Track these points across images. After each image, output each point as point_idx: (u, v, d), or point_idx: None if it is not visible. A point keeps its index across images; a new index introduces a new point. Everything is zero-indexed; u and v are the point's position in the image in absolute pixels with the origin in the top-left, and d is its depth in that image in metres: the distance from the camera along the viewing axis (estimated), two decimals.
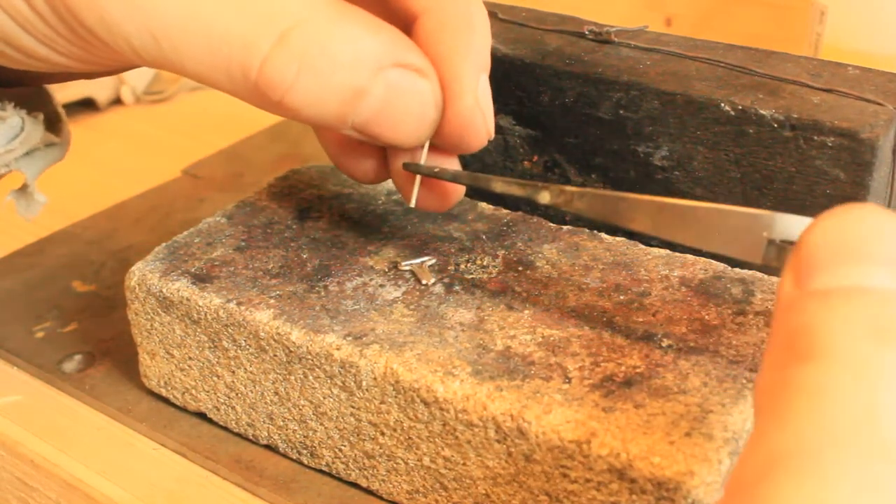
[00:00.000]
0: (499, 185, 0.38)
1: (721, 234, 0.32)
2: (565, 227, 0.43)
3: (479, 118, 0.38)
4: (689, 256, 0.41)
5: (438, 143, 0.39)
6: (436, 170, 0.39)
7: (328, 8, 0.34)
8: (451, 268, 0.41)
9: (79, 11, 0.33)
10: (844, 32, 0.54)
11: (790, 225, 0.31)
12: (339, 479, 0.40)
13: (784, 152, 0.39)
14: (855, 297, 0.24)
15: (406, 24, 0.38)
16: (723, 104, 0.40)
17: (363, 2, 0.37)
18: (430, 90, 0.36)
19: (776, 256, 0.31)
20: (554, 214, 0.46)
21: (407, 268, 0.41)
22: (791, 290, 0.25)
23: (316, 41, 0.34)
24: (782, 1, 0.73)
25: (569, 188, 0.35)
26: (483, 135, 0.38)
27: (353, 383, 0.37)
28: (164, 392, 0.44)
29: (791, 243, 0.30)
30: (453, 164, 0.41)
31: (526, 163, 0.46)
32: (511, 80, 0.45)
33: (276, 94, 0.34)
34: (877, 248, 0.25)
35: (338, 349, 0.37)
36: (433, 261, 0.42)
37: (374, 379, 0.36)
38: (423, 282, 0.40)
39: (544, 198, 0.36)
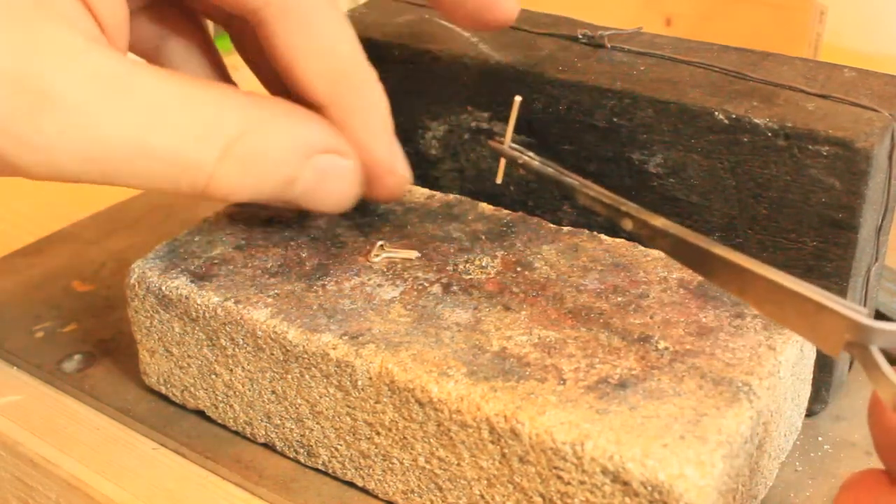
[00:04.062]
0: (582, 197, 0.37)
1: (803, 320, 0.31)
2: (565, 229, 0.43)
3: (402, 183, 0.42)
4: None
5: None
6: (520, 160, 0.39)
7: (261, 110, 0.37)
8: (450, 268, 0.41)
9: (26, 168, 0.34)
10: (844, 32, 0.54)
11: (873, 333, 0.30)
12: (338, 479, 0.40)
13: (779, 161, 0.39)
14: None
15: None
16: (717, 113, 0.40)
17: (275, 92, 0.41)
18: (352, 169, 0.40)
19: (859, 356, 0.30)
20: (552, 218, 0.46)
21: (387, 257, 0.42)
22: None
23: (253, 149, 0.36)
24: (782, 1, 0.72)
25: (653, 222, 0.35)
26: (405, 189, 0.43)
27: (348, 383, 0.37)
28: (163, 389, 0.44)
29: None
30: None
31: (521, 170, 0.46)
32: (504, 87, 0.45)
33: (221, 196, 0.37)
34: None
35: (334, 349, 0.37)
36: (416, 254, 0.42)
37: (370, 379, 0.36)
38: (412, 258, 0.42)
39: (626, 225, 0.36)
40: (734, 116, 0.40)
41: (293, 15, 0.40)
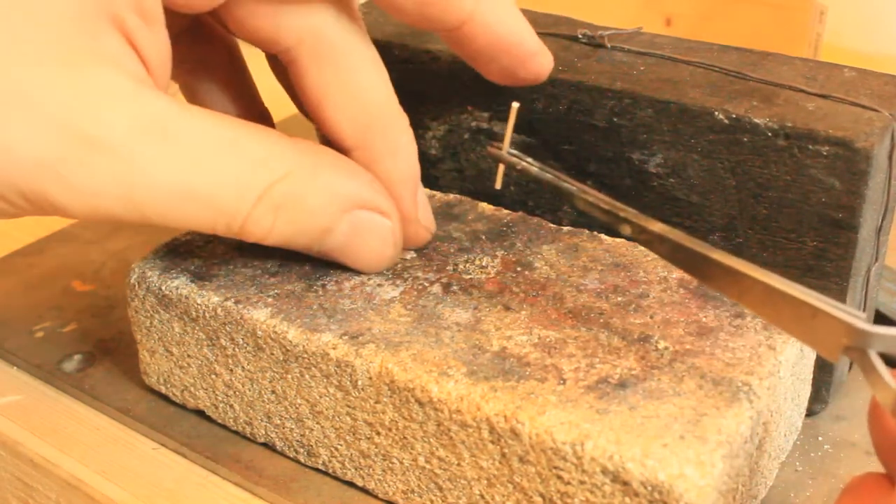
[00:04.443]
0: (581, 203, 0.37)
1: (801, 325, 0.31)
2: (565, 228, 0.43)
3: (423, 234, 0.42)
4: None
5: None
6: (518, 166, 0.39)
7: (303, 157, 0.37)
8: (450, 268, 0.41)
9: (68, 209, 0.34)
10: (844, 32, 0.54)
11: (871, 338, 0.30)
12: (339, 479, 0.40)
13: (779, 161, 0.39)
14: None
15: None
16: (717, 113, 0.40)
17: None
18: (391, 230, 0.40)
19: (858, 360, 0.30)
20: (552, 218, 0.46)
21: None
22: None
23: (292, 195, 0.37)
24: (782, 1, 0.72)
25: (651, 227, 0.35)
26: (427, 240, 0.43)
27: (348, 382, 0.37)
28: (163, 389, 0.44)
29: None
30: None
31: (519, 175, 0.46)
32: (504, 87, 0.45)
33: (254, 239, 0.37)
34: None
35: (334, 348, 0.37)
36: (411, 253, 0.42)
37: (370, 378, 0.36)
38: (407, 258, 0.42)
39: (625, 230, 0.36)
40: (734, 116, 0.40)
41: (326, 55, 0.40)
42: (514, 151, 0.39)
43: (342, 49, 0.40)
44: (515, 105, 0.38)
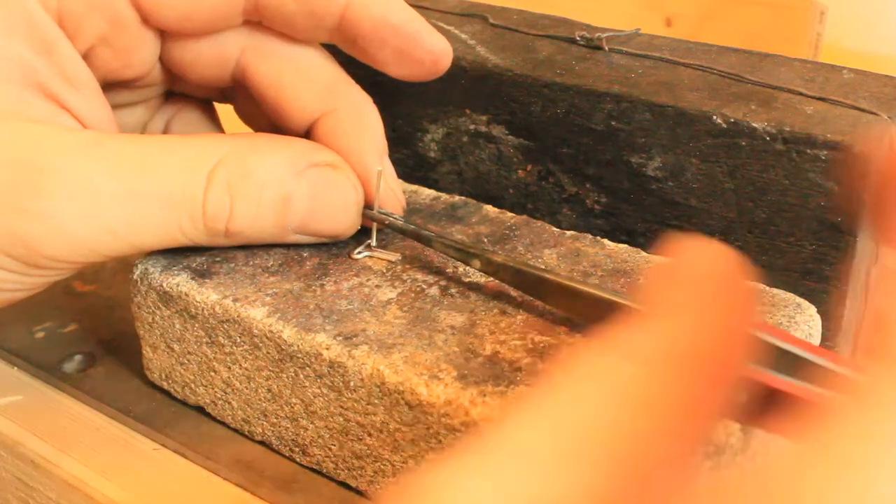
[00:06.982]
0: (438, 246, 0.41)
1: None
2: (568, 233, 0.43)
3: (391, 199, 0.43)
4: None
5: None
6: (386, 222, 0.42)
7: (241, 140, 0.40)
8: (449, 270, 0.41)
9: (42, 243, 0.38)
10: (844, 32, 0.54)
11: None
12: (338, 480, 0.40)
13: (777, 165, 0.39)
14: None
15: (302, 132, 0.44)
16: (715, 117, 0.40)
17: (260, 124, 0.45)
18: (346, 177, 0.42)
19: None
20: (551, 220, 0.46)
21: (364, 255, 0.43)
22: None
23: (237, 170, 0.39)
24: (782, 1, 0.72)
25: (495, 259, 0.39)
26: (398, 210, 0.44)
27: (341, 383, 0.37)
28: (164, 385, 0.44)
29: None
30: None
31: (520, 172, 0.46)
32: (502, 90, 0.45)
33: (221, 225, 0.39)
34: None
35: (327, 349, 0.37)
36: (398, 256, 0.43)
37: (362, 380, 0.36)
38: (393, 260, 0.42)
39: (475, 265, 0.39)
40: (732, 120, 0.39)
41: (269, 49, 0.43)
42: (384, 210, 0.42)
43: (280, 39, 0.43)
44: (379, 169, 0.42)
